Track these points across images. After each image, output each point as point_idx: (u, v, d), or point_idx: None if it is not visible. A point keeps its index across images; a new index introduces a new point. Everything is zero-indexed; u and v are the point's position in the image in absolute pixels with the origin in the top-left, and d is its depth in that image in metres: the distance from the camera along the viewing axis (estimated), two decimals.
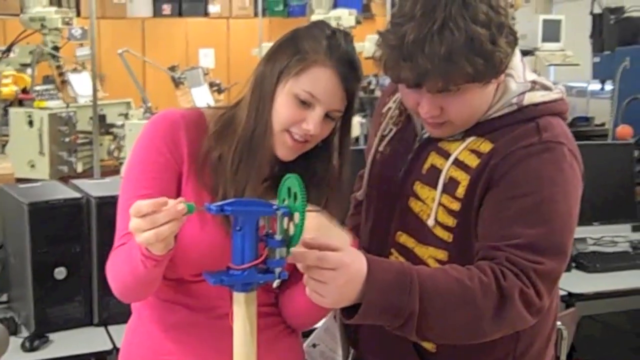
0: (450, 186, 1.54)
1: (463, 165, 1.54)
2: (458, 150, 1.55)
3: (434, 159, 1.59)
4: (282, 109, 1.49)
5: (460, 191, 1.53)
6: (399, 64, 1.42)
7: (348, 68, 1.49)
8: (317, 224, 1.41)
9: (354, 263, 1.33)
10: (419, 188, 1.59)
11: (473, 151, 1.54)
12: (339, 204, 1.60)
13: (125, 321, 1.69)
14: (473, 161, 1.53)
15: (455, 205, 1.53)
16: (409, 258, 1.57)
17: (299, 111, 1.49)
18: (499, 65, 1.44)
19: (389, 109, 1.74)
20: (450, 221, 1.53)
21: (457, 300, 1.37)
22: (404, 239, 1.61)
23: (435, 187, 1.56)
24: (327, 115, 1.50)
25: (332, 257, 1.31)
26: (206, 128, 1.56)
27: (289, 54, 1.50)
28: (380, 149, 1.71)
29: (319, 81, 1.48)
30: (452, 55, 1.38)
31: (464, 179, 1.53)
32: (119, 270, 1.47)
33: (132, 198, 1.48)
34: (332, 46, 1.49)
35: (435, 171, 1.57)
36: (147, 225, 1.25)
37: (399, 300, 1.34)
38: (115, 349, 2.28)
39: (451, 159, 1.55)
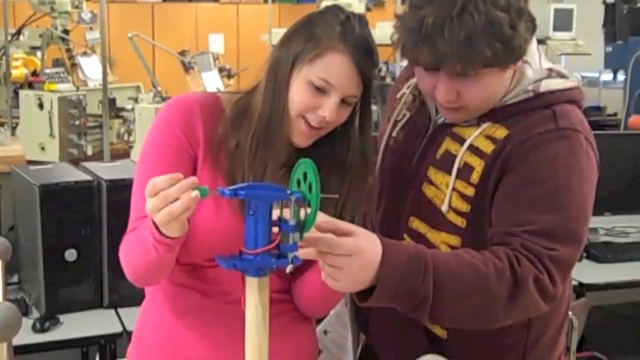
0: (465, 172, 1.54)
1: (478, 151, 1.53)
2: (473, 135, 1.54)
3: (448, 144, 1.58)
4: (297, 95, 1.48)
5: (475, 177, 1.52)
6: (418, 46, 1.41)
7: (363, 53, 1.48)
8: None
9: (368, 248, 1.33)
10: (433, 173, 1.58)
11: (488, 137, 1.53)
12: (363, 189, 1.58)
13: (135, 304, 1.70)
14: (488, 147, 1.53)
15: (470, 191, 1.53)
16: (421, 243, 1.56)
17: (314, 97, 1.47)
18: (518, 50, 1.44)
19: (403, 94, 1.73)
20: (464, 207, 1.53)
21: (471, 285, 1.38)
22: (416, 224, 1.60)
23: (449, 172, 1.55)
24: (343, 101, 1.49)
25: (347, 243, 1.30)
26: (222, 113, 1.55)
27: (303, 40, 1.48)
28: (394, 134, 1.70)
29: (333, 67, 1.46)
30: (471, 38, 1.37)
31: (478, 164, 1.52)
32: (131, 254, 1.47)
33: (146, 181, 1.47)
34: (346, 31, 1.47)
35: (450, 156, 1.56)
36: (161, 202, 1.25)
37: (412, 284, 1.35)
38: (125, 332, 2.28)
39: (466, 144, 1.54)
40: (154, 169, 1.49)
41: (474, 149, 1.54)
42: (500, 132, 1.53)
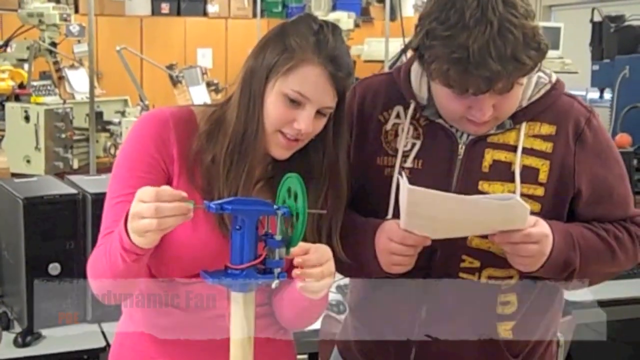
0: (527, 174, 1.58)
1: (535, 152, 1.59)
2: (521, 139, 1.59)
3: (493, 154, 1.59)
4: (272, 108, 1.47)
5: (543, 176, 1.58)
6: (470, 73, 1.42)
7: (337, 64, 1.46)
8: None
9: (551, 233, 1.52)
10: (487, 186, 1.59)
11: (536, 136, 1.60)
12: (338, 195, 1.57)
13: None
14: (543, 145, 1.59)
15: (540, 191, 1.59)
16: (486, 258, 1.59)
17: (289, 111, 1.46)
18: (545, 51, 1.47)
19: (395, 125, 1.67)
20: (536, 207, 1.58)
21: (604, 256, 1.62)
22: (476, 242, 1.59)
23: (507, 180, 1.57)
24: (318, 112, 1.48)
25: (536, 232, 1.49)
26: (197, 127, 1.53)
27: (276, 51, 1.47)
28: (407, 165, 1.64)
29: (307, 80, 1.45)
30: (516, 53, 1.41)
31: (542, 164, 1.59)
32: (98, 267, 1.45)
33: (118, 197, 1.47)
34: (320, 42, 1.46)
35: (502, 165, 1.59)
36: (152, 213, 1.24)
37: (569, 256, 1.55)
38: (109, 346, 2.26)
39: (520, 148, 1.58)
40: (125, 184, 1.47)
41: (528, 151, 1.59)
42: (547, 129, 1.60)
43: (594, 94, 5.28)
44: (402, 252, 1.53)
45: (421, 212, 1.48)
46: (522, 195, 1.56)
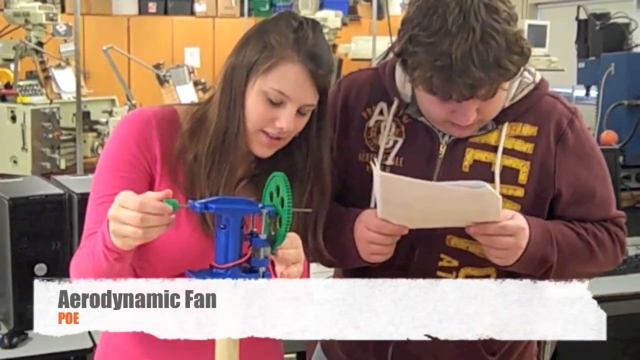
0: (507, 175, 1.58)
1: (515, 153, 1.59)
2: (502, 139, 1.59)
3: (474, 154, 1.60)
4: (253, 107, 1.46)
5: (523, 177, 1.58)
6: (452, 81, 1.41)
7: (317, 61, 1.46)
8: None
9: (527, 227, 1.52)
10: None
11: (518, 137, 1.59)
12: (322, 193, 1.57)
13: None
14: (524, 146, 1.59)
15: (520, 192, 1.59)
16: (464, 257, 1.59)
17: (270, 110, 1.46)
18: (528, 54, 1.47)
19: (377, 121, 1.68)
20: (515, 207, 1.57)
21: (583, 255, 1.60)
22: (455, 241, 1.60)
23: (487, 180, 1.55)
24: (299, 110, 1.47)
25: (511, 225, 1.49)
26: (179, 126, 1.53)
27: (256, 49, 1.46)
28: (388, 162, 1.65)
29: (287, 78, 1.44)
30: (499, 59, 1.41)
31: (523, 165, 1.59)
32: (82, 268, 1.45)
33: (101, 197, 1.47)
34: (299, 40, 1.45)
35: (482, 165, 1.59)
36: (137, 223, 1.24)
37: (546, 252, 1.55)
38: (95, 347, 2.25)
39: (500, 149, 1.58)
40: (107, 185, 1.47)
41: (509, 152, 1.59)
42: (528, 130, 1.60)
43: (580, 92, 5.29)
44: (380, 241, 1.54)
45: (395, 200, 1.49)
46: (502, 195, 1.55)
